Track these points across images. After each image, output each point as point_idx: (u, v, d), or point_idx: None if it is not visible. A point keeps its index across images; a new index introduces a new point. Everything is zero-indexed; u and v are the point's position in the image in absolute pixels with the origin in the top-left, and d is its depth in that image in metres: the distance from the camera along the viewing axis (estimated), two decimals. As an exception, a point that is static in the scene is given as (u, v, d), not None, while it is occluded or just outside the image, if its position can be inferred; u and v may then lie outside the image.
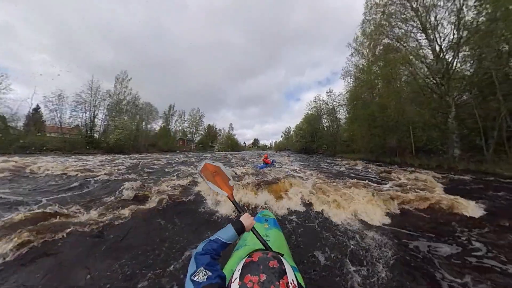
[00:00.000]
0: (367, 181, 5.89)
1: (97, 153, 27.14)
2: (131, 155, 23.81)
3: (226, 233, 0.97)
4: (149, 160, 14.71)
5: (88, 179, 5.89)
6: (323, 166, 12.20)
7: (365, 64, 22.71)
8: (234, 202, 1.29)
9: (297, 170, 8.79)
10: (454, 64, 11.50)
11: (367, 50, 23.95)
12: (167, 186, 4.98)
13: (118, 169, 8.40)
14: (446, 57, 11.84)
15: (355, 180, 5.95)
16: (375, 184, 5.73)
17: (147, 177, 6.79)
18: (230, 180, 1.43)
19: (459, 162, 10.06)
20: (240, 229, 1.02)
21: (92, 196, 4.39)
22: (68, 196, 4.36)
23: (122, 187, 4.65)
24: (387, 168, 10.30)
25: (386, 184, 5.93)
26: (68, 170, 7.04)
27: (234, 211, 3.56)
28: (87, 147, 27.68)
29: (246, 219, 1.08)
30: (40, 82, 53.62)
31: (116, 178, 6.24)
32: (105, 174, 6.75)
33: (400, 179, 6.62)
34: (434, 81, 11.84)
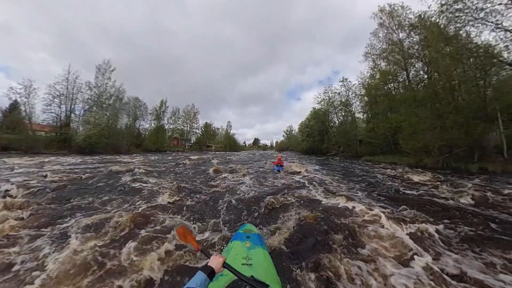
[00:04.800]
0: None
1: (63, 153, 22.14)
2: (101, 156, 18.82)
3: (196, 280, 0.90)
4: (102, 165, 9.60)
5: None
6: (381, 185, 7.02)
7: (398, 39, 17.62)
8: (202, 251, 1.23)
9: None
10: None
11: (396, 23, 18.90)
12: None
13: None
14: None
15: None
16: None
17: None
18: (193, 232, 1.61)
19: None
20: (211, 272, 0.97)
21: None
22: None
23: None
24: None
25: None
26: None
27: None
28: (49, 146, 22.65)
29: (213, 260, 1.04)
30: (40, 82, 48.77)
31: None
32: None
33: None
34: None
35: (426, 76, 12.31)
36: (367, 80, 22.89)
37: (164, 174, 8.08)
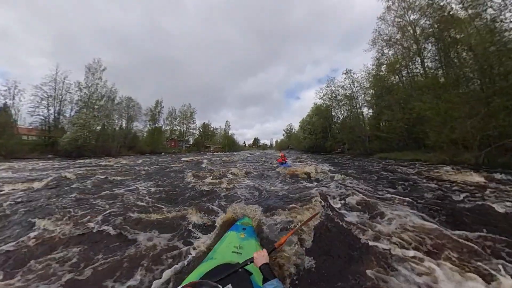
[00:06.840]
0: None
1: (47, 158, 20.47)
2: (86, 159, 17.17)
3: None
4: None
5: None
6: (421, 190, 5.35)
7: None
8: None
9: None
10: None
11: (406, 6, 17.12)
12: None
13: None
14: None
15: None
16: None
17: None
18: None
19: None
20: None
21: None
22: None
23: None
24: None
25: None
26: None
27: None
28: (34, 151, 21.01)
29: None
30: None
31: None
32: None
33: None
34: None
35: (454, 58, 10.52)
36: (373, 71, 21.25)
37: (137, 179, 6.39)
